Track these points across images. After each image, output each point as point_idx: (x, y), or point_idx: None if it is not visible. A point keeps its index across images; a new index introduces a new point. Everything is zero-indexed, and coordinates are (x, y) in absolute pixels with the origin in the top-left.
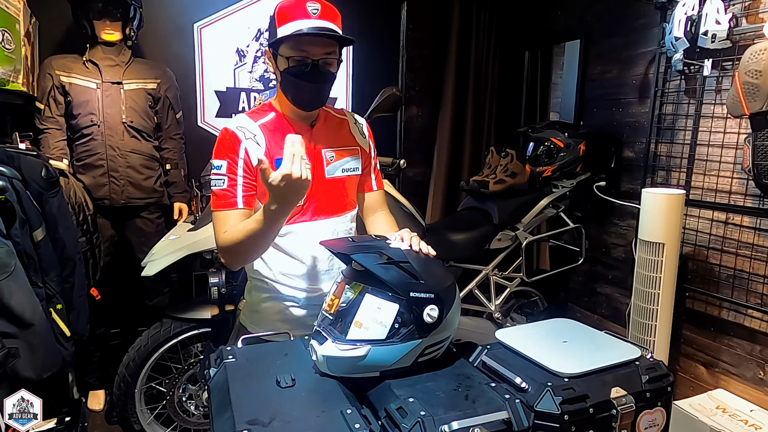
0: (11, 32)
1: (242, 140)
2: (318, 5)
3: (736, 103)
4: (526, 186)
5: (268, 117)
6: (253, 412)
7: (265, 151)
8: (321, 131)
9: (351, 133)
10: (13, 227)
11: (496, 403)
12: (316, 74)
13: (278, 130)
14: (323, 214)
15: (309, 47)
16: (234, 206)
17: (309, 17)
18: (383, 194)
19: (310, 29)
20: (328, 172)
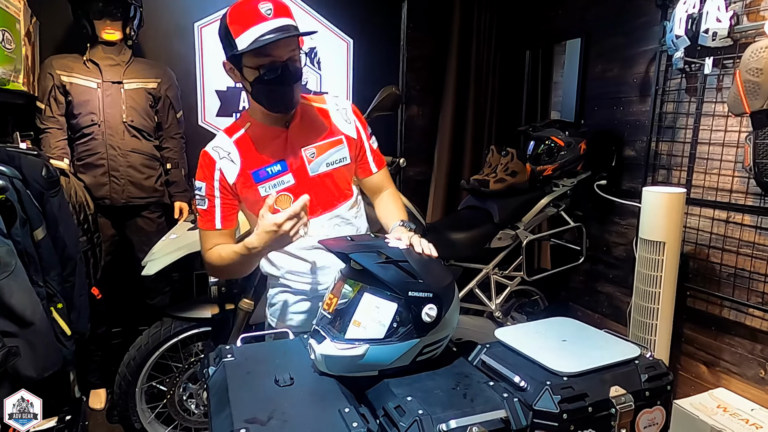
0: (11, 32)
1: (217, 161)
2: (270, 5)
3: (737, 101)
4: (526, 185)
5: (243, 130)
6: (251, 410)
7: (240, 168)
8: (297, 130)
9: (333, 122)
10: (14, 227)
11: (495, 401)
12: (287, 75)
13: (253, 142)
14: (316, 212)
15: (274, 51)
16: (213, 227)
17: (265, 19)
18: (385, 173)
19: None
20: (312, 169)
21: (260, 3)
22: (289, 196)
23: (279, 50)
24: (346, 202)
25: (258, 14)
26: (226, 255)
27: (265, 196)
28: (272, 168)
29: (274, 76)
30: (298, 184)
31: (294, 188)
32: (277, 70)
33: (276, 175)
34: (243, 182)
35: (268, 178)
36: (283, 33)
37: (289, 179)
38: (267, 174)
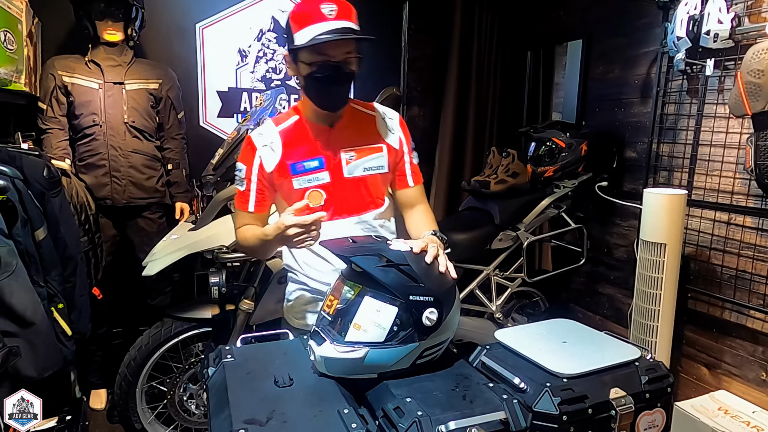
0: (13, 33)
1: (258, 148)
2: (334, 6)
3: (738, 102)
4: (527, 186)
5: (289, 121)
6: (250, 411)
7: (279, 158)
8: (341, 131)
9: (377, 130)
10: (15, 227)
11: (494, 403)
12: (338, 76)
13: (297, 135)
14: (345, 213)
15: (329, 50)
16: (246, 209)
17: (325, 19)
18: (421, 189)
19: (328, 33)
20: (348, 171)
21: (323, 3)
22: (321, 193)
23: (334, 50)
24: (376, 210)
25: (319, 13)
26: (250, 236)
27: (298, 189)
28: (310, 163)
29: (325, 75)
30: (333, 183)
31: (328, 186)
32: (329, 69)
33: (312, 171)
34: (280, 172)
35: (304, 172)
36: (339, 35)
37: (325, 177)
38: (303, 168)
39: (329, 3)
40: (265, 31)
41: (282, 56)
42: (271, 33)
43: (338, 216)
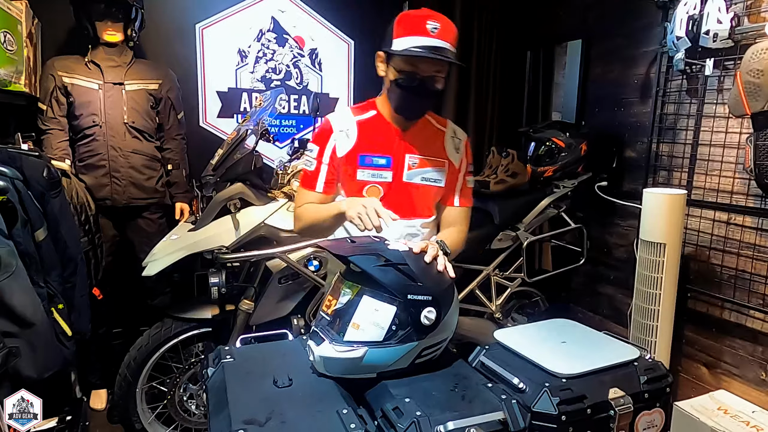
0: (13, 34)
1: (334, 131)
2: (438, 24)
3: (737, 102)
4: (527, 186)
5: (367, 114)
6: (249, 411)
7: (353, 146)
8: (411, 137)
9: (443, 145)
10: (15, 227)
11: (493, 403)
12: (422, 90)
13: (372, 129)
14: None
15: (420, 65)
16: (313, 189)
17: (427, 35)
18: (464, 212)
19: (425, 49)
20: (407, 176)
21: (430, 19)
22: (379, 190)
23: (424, 65)
24: (422, 219)
25: (423, 28)
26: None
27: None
28: (379, 160)
29: (410, 86)
30: (392, 183)
31: (387, 185)
32: (415, 82)
33: (378, 167)
34: (349, 160)
35: (371, 166)
36: (433, 53)
37: (387, 176)
38: (371, 163)
39: (435, 21)
40: (265, 31)
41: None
42: (271, 33)
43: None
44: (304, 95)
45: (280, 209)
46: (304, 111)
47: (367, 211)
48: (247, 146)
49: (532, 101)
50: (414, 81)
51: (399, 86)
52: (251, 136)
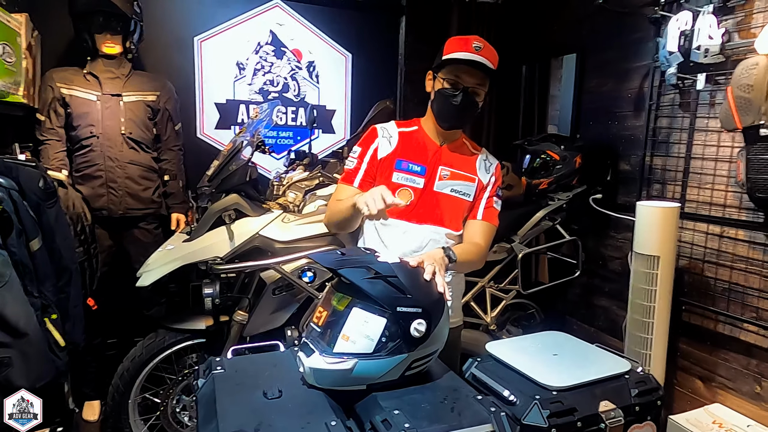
0: (12, 45)
1: (378, 136)
2: (481, 45)
3: (728, 116)
4: (522, 198)
5: (410, 128)
6: (238, 422)
7: (392, 150)
8: (447, 152)
9: (475, 164)
10: (10, 237)
11: (482, 415)
12: (463, 98)
13: (413, 140)
14: (420, 220)
15: (463, 75)
16: (351, 183)
17: (471, 51)
18: (485, 227)
19: (467, 59)
20: (437, 186)
21: (475, 41)
22: (410, 193)
23: (466, 77)
24: (449, 230)
25: (469, 46)
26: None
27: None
28: (414, 166)
29: (453, 93)
30: (423, 190)
31: (418, 191)
32: (458, 90)
33: (412, 173)
34: (387, 162)
35: (406, 171)
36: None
37: (420, 182)
38: (407, 168)
39: (479, 42)
40: (263, 44)
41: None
42: (269, 46)
43: (414, 220)
44: (301, 107)
45: (275, 220)
46: (302, 123)
47: (374, 196)
48: (243, 157)
49: (528, 114)
50: (457, 89)
51: (443, 94)
52: (247, 148)
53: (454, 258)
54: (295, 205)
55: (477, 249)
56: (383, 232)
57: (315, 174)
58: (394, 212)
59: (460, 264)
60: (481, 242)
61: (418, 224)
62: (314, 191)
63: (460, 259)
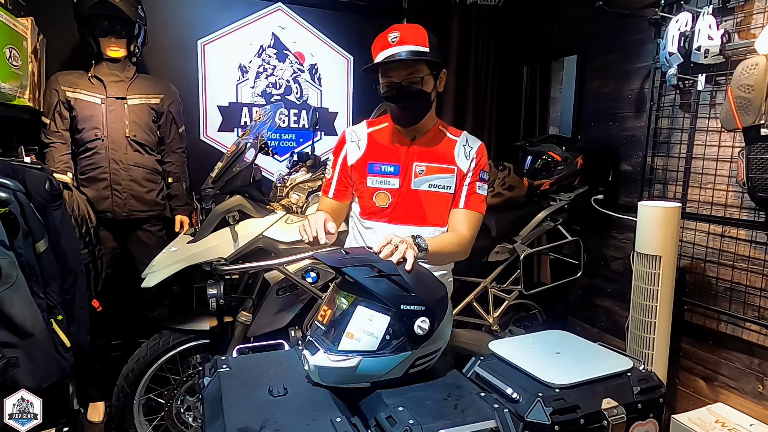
0: (18, 49)
1: (347, 142)
2: (397, 33)
3: (729, 117)
4: (523, 199)
5: (381, 126)
6: (244, 419)
7: (362, 155)
8: (420, 146)
9: (453, 152)
10: (16, 239)
11: (485, 412)
12: (401, 95)
13: (383, 139)
14: (401, 221)
15: (391, 73)
16: (327, 194)
17: (388, 46)
18: (469, 216)
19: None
20: (415, 184)
21: (390, 33)
22: (387, 196)
23: (395, 73)
24: (433, 228)
25: (385, 41)
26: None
27: (369, 187)
28: (386, 167)
29: (390, 95)
30: (400, 190)
31: (394, 192)
32: (393, 90)
33: (386, 174)
34: (359, 167)
35: (379, 173)
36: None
37: (395, 183)
38: (380, 170)
39: (395, 31)
40: (266, 47)
41: None
42: (271, 49)
43: (398, 222)
44: (303, 110)
45: (279, 221)
46: (304, 125)
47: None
48: (246, 159)
49: (529, 115)
50: (392, 89)
51: (384, 97)
52: (250, 150)
53: (424, 246)
54: (298, 206)
55: (459, 239)
56: (366, 235)
57: (317, 175)
58: (375, 214)
59: (436, 254)
60: (464, 231)
61: (400, 225)
62: (317, 192)
63: (433, 249)
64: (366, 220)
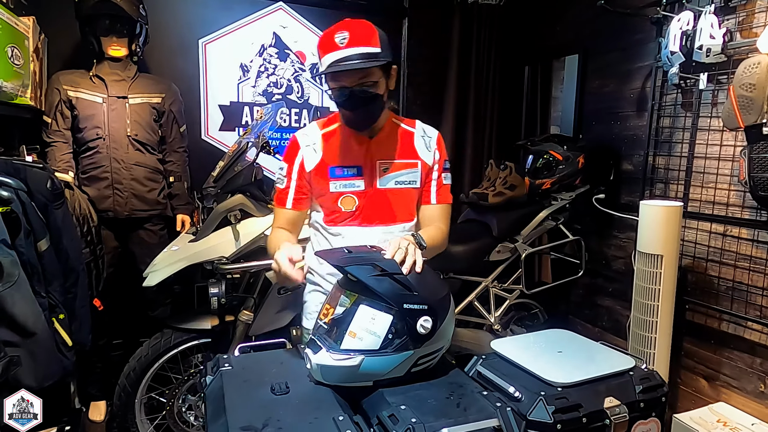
0: (20, 48)
1: (301, 147)
2: (346, 33)
3: (731, 116)
4: (525, 198)
5: (333, 126)
6: (246, 418)
7: (320, 159)
8: (379, 143)
9: (414, 145)
10: (18, 237)
11: (488, 411)
12: (354, 101)
13: (339, 140)
14: (372, 222)
15: (342, 78)
16: (284, 205)
17: (336, 48)
18: (443, 209)
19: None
20: (380, 183)
21: (337, 32)
22: (354, 200)
23: (346, 78)
24: (403, 224)
25: (332, 42)
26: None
27: (333, 193)
28: (348, 170)
29: (342, 100)
30: (365, 191)
31: (360, 194)
32: (346, 95)
33: (349, 177)
34: (319, 173)
35: (342, 177)
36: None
37: (360, 184)
38: (342, 173)
39: (342, 31)
40: (267, 46)
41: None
42: (273, 48)
43: (367, 224)
44: (305, 109)
45: None
46: (305, 124)
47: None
48: (247, 158)
49: (530, 115)
50: (345, 95)
51: (336, 103)
52: (252, 149)
53: (424, 245)
54: None
55: (441, 233)
56: (334, 242)
57: None
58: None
59: (429, 249)
60: (442, 225)
61: (369, 227)
62: None
63: (429, 245)
64: (332, 227)
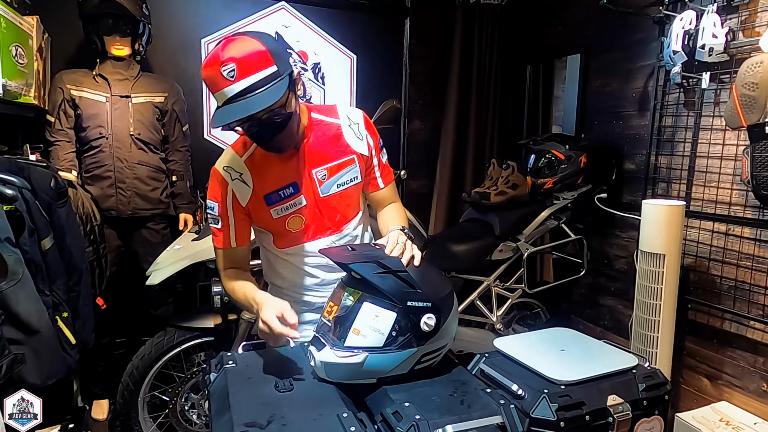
0: (24, 47)
1: (229, 183)
2: (232, 65)
3: (733, 115)
4: (527, 198)
5: (252, 149)
6: (251, 415)
7: (252, 191)
8: (310, 149)
9: (345, 140)
10: (22, 236)
11: (491, 408)
12: (267, 130)
13: (265, 162)
14: (324, 232)
15: None
16: (228, 246)
17: (227, 84)
18: (392, 188)
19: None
20: (322, 191)
21: (223, 65)
22: (301, 218)
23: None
24: (354, 219)
25: (221, 78)
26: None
27: (277, 218)
28: (285, 191)
29: (253, 133)
30: (309, 205)
31: (305, 210)
32: (254, 128)
33: (288, 198)
34: (255, 204)
35: (281, 201)
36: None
37: (301, 201)
38: (279, 197)
39: (228, 62)
40: None
41: None
42: None
43: (321, 235)
44: None
45: None
46: None
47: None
48: None
49: (532, 114)
50: (253, 127)
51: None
52: None
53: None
54: None
55: (402, 209)
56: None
57: None
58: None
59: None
60: (397, 202)
61: (325, 238)
62: None
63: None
64: (284, 249)
